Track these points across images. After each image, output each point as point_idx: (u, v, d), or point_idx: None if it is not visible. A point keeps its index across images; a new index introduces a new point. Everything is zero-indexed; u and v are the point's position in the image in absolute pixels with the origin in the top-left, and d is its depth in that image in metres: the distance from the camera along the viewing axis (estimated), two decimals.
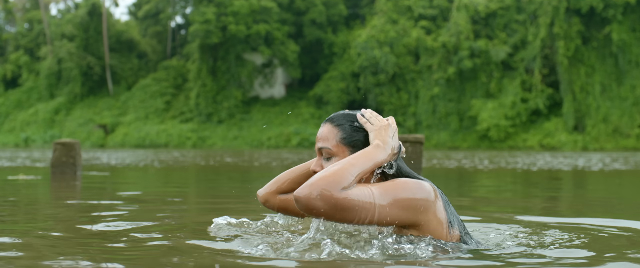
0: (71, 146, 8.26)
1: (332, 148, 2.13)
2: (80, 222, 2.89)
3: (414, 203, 2.00)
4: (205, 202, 4.47)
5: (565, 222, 3.09)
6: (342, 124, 2.15)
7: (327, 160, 2.14)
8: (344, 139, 2.13)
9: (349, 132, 2.14)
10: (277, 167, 11.24)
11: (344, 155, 2.12)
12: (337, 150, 2.13)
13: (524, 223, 2.99)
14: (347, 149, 2.13)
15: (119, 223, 2.81)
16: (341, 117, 2.17)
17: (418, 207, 2.01)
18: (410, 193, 2.01)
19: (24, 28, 58.09)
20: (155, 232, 2.50)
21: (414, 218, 2.02)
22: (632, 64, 38.04)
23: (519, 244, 2.31)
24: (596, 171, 10.34)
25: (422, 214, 2.03)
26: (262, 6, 47.09)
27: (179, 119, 47.22)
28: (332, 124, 2.16)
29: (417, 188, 2.03)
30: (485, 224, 2.98)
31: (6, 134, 49.08)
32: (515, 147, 38.13)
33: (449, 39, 41.48)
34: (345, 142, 2.13)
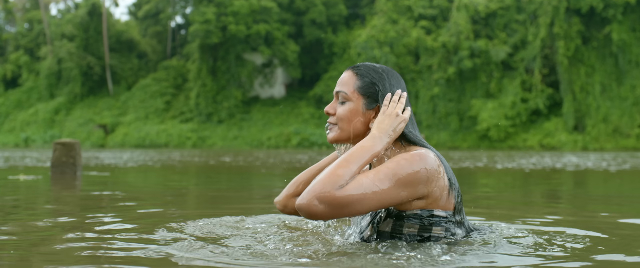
0: (71, 146, 8.27)
1: (348, 94, 2.21)
2: (80, 222, 2.89)
3: (416, 178, 2.04)
4: (205, 202, 4.47)
5: (564, 220, 3.09)
6: (363, 75, 2.23)
7: (341, 105, 2.23)
8: (361, 88, 2.21)
9: (367, 83, 2.21)
10: (278, 168, 11.24)
11: (357, 103, 2.20)
12: (353, 96, 2.21)
13: (524, 222, 2.99)
14: (362, 98, 2.21)
15: (119, 223, 2.81)
16: (364, 68, 2.25)
17: (420, 179, 2.05)
18: (410, 168, 2.04)
19: (24, 28, 58.09)
20: (155, 232, 2.50)
21: (418, 191, 2.06)
22: (632, 64, 38.03)
23: (519, 240, 2.31)
24: (599, 171, 10.34)
25: (426, 185, 2.06)
26: (262, 6, 47.09)
27: (179, 119, 47.22)
28: (354, 72, 2.25)
29: (416, 161, 2.06)
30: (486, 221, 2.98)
31: (6, 134, 49.08)
32: (515, 147, 38.13)
33: (449, 39, 41.48)
34: (361, 92, 2.21)
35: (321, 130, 42.55)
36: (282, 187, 2.61)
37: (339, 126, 2.22)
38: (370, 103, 2.20)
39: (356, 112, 2.20)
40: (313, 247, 2.17)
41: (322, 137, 41.62)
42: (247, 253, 2.05)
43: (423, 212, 2.10)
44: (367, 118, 2.20)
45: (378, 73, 2.23)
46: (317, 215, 1.94)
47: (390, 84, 2.22)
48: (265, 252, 2.07)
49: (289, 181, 2.56)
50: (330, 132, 2.26)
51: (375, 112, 2.20)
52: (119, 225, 2.74)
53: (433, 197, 2.10)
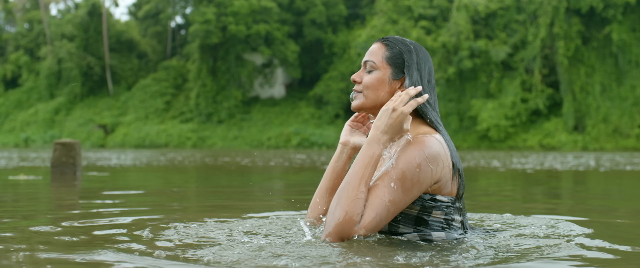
0: (71, 146, 8.27)
1: (377, 63, 2.27)
2: (79, 222, 2.89)
3: (429, 174, 2.10)
4: (205, 201, 4.47)
5: (568, 219, 3.09)
6: (392, 46, 2.28)
7: (369, 73, 2.27)
8: (389, 58, 2.27)
9: (396, 54, 2.27)
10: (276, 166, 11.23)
11: (385, 72, 2.25)
12: (381, 66, 2.27)
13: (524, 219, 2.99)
14: (390, 68, 2.26)
15: (119, 223, 2.81)
16: (394, 40, 2.30)
17: (426, 174, 2.11)
18: (414, 168, 2.09)
19: (24, 28, 58.10)
20: (155, 232, 2.50)
21: (429, 183, 2.12)
22: (632, 64, 38.04)
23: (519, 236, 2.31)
24: (600, 171, 10.35)
25: (433, 175, 2.12)
26: (262, 6, 47.09)
27: (179, 119, 47.23)
28: (383, 43, 2.31)
29: (418, 156, 2.10)
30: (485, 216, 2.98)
31: (6, 134, 49.09)
32: (515, 147, 38.14)
33: (449, 39, 41.49)
34: (389, 61, 2.26)
35: (321, 130, 42.56)
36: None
37: (364, 94, 2.28)
38: (397, 73, 2.26)
39: (383, 82, 2.26)
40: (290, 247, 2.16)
41: (322, 137, 41.66)
42: (250, 252, 2.05)
43: (425, 195, 2.15)
44: (393, 88, 2.26)
45: (406, 46, 2.28)
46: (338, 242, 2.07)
47: (418, 57, 2.27)
48: (246, 251, 2.06)
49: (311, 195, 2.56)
50: (355, 99, 2.30)
51: (400, 83, 2.25)
52: (119, 225, 2.74)
53: (442, 180, 2.15)
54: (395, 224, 2.16)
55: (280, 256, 1.94)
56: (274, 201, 4.51)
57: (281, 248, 2.09)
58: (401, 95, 2.17)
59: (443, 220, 2.18)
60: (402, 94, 2.17)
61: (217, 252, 2.03)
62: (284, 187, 6.28)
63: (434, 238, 2.17)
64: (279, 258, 1.91)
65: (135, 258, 1.93)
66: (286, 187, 6.28)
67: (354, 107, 2.31)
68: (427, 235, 2.16)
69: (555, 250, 2.16)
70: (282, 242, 2.23)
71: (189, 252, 2.06)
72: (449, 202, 2.17)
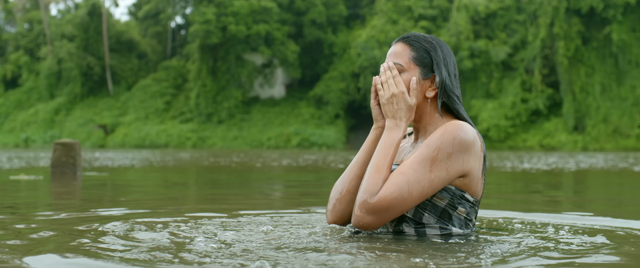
0: (71, 146, 8.27)
1: (404, 65, 2.25)
2: (79, 222, 2.89)
3: (460, 160, 2.12)
4: (205, 201, 4.47)
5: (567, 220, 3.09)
6: (416, 45, 2.27)
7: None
8: (416, 59, 2.25)
9: (421, 53, 2.26)
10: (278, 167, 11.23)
11: (414, 73, 2.24)
12: (408, 67, 2.25)
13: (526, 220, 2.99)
14: (418, 68, 2.25)
15: (119, 223, 2.81)
16: (415, 38, 2.29)
17: (466, 161, 2.12)
18: (444, 147, 2.11)
19: (24, 28, 58.12)
20: (155, 232, 2.50)
21: (458, 166, 2.13)
22: (632, 64, 38.05)
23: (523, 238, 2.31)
24: (599, 171, 10.35)
25: (465, 159, 2.13)
26: (262, 6, 47.10)
27: (179, 119, 47.24)
28: (406, 43, 2.28)
29: (449, 138, 2.12)
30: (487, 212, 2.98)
31: (6, 134, 49.10)
32: (515, 147, 38.14)
33: (449, 39, 41.49)
34: (417, 62, 2.25)
35: (321, 131, 42.55)
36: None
37: None
38: (426, 72, 2.25)
39: (414, 82, 2.24)
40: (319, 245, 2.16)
41: (322, 137, 41.66)
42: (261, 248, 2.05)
43: (457, 190, 2.17)
44: (425, 87, 2.25)
45: (429, 42, 2.27)
46: (370, 225, 2.12)
47: (443, 52, 2.27)
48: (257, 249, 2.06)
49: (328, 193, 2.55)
50: None
51: (431, 81, 2.25)
52: (119, 225, 2.74)
53: (472, 175, 2.16)
54: (421, 211, 2.17)
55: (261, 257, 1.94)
56: (270, 200, 4.50)
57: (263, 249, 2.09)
58: (391, 82, 2.21)
59: (463, 218, 2.22)
60: (391, 81, 2.21)
61: (210, 253, 2.03)
62: (284, 187, 6.28)
63: (454, 234, 2.20)
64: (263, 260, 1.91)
65: (134, 258, 1.93)
66: (287, 187, 6.29)
67: None
68: (448, 229, 2.20)
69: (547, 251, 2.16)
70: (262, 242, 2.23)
71: (189, 249, 2.06)
72: (473, 202, 2.22)
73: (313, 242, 2.17)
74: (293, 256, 1.94)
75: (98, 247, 2.12)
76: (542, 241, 2.33)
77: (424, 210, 2.18)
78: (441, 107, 2.27)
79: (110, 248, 2.12)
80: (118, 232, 2.50)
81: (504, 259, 1.97)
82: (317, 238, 2.25)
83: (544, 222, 2.97)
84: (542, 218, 3.16)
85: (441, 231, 2.18)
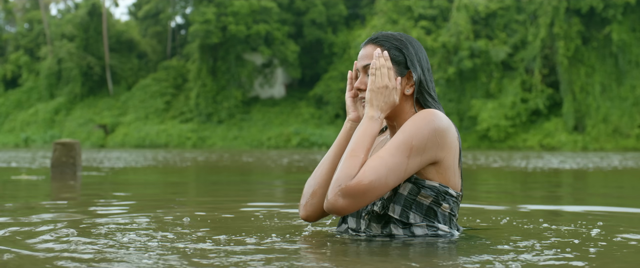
0: (71, 146, 8.27)
1: None
2: (79, 221, 2.89)
3: (427, 141, 2.11)
4: (205, 201, 4.48)
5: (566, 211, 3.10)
6: (386, 45, 2.25)
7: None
8: (389, 59, 2.23)
9: (393, 52, 2.24)
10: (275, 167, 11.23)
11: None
12: None
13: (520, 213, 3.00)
14: (392, 67, 2.22)
15: (118, 223, 2.81)
16: (384, 38, 2.27)
17: (431, 142, 2.11)
18: (419, 133, 2.10)
19: (24, 28, 58.10)
20: (155, 231, 2.51)
21: (431, 155, 2.13)
22: (632, 64, 38.04)
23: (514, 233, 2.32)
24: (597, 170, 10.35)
25: (438, 147, 2.13)
26: (262, 6, 47.09)
27: (179, 119, 47.23)
28: (376, 44, 2.26)
29: (424, 124, 2.12)
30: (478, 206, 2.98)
31: (6, 134, 49.09)
32: (515, 147, 38.14)
33: (449, 39, 41.49)
34: (391, 61, 2.23)
35: (321, 131, 42.54)
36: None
37: None
38: (401, 71, 2.23)
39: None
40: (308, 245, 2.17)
41: (322, 137, 41.67)
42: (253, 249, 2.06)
43: (441, 186, 2.16)
44: (403, 86, 2.24)
45: (398, 40, 2.26)
46: (344, 209, 2.07)
47: (414, 48, 2.27)
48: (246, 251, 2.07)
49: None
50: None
51: (407, 79, 2.24)
52: (118, 225, 2.75)
53: (447, 164, 2.16)
54: (407, 211, 2.16)
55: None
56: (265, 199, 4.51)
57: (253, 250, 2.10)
58: (384, 71, 2.18)
59: (448, 213, 2.22)
60: (384, 70, 2.18)
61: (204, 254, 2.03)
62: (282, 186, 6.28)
63: (441, 229, 2.20)
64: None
65: (133, 259, 1.94)
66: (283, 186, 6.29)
67: None
68: (435, 226, 2.19)
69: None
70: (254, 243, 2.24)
71: (189, 249, 2.06)
72: (456, 197, 2.22)
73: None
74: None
75: (94, 247, 2.13)
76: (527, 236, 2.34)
77: (410, 210, 2.17)
78: (415, 102, 2.27)
79: (103, 249, 2.12)
80: (112, 231, 2.50)
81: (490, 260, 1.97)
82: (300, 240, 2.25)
83: (526, 212, 2.97)
84: (530, 211, 3.16)
85: (429, 229, 2.18)
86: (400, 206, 2.16)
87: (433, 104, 2.25)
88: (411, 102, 2.25)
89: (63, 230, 2.53)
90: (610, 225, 2.86)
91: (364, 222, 2.23)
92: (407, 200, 2.16)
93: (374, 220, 2.20)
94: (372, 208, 2.19)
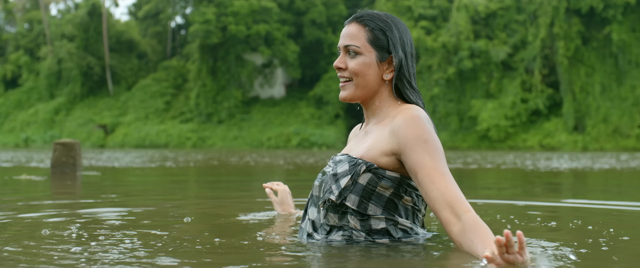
0: (71, 146, 8.28)
1: (361, 47, 2.14)
2: (79, 221, 2.89)
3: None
4: (205, 201, 4.48)
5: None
6: (371, 25, 2.16)
7: (353, 59, 2.16)
8: (372, 41, 2.15)
9: (376, 33, 2.16)
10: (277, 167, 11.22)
11: (370, 56, 2.14)
12: (364, 50, 2.15)
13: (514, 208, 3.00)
14: (374, 51, 2.15)
15: (118, 223, 2.81)
16: (369, 17, 2.17)
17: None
18: (432, 131, 2.07)
19: (24, 28, 58.11)
20: (155, 231, 2.51)
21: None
22: (632, 64, 38.05)
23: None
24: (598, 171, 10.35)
25: None
26: (262, 6, 47.11)
27: (179, 119, 47.24)
28: (360, 23, 2.17)
29: (428, 121, 2.10)
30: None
31: (6, 134, 49.09)
32: (515, 147, 38.15)
33: (449, 39, 41.50)
34: (374, 44, 2.15)
35: (321, 131, 42.55)
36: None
37: (355, 82, 2.16)
38: (383, 55, 2.15)
39: (370, 66, 2.15)
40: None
41: (322, 137, 41.66)
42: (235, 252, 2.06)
43: (402, 178, 2.07)
44: (381, 71, 2.16)
45: (384, 21, 2.17)
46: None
47: (399, 32, 2.18)
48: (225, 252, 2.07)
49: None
50: (345, 90, 2.19)
51: (387, 63, 2.16)
52: (118, 225, 2.75)
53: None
54: (366, 202, 2.06)
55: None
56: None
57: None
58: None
59: (410, 207, 2.12)
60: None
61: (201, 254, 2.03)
62: None
63: (401, 224, 2.10)
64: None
65: (133, 260, 1.94)
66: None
67: (345, 97, 2.20)
68: (394, 219, 2.09)
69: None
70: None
71: (189, 249, 2.06)
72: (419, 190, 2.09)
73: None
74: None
75: (94, 247, 2.13)
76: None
77: (369, 201, 2.06)
78: (394, 89, 2.17)
79: (103, 249, 2.12)
80: (112, 231, 2.50)
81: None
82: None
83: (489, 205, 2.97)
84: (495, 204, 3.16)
85: (387, 223, 2.08)
86: (358, 196, 2.06)
87: (411, 93, 2.17)
88: (390, 88, 2.18)
89: (63, 230, 2.54)
90: (589, 222, 2.86)
91: (322, 211, 2.13)
92: (366, 190, 2.06)
93: (330, 210, 2.10)
94: (328, 198, 2.09)
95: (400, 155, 2.04)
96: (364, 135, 2.23)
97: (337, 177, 2.10)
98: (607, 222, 2.99)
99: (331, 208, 2.10)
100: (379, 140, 2.10)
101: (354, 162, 2.09)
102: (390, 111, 2.17)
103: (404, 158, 2.03)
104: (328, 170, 2.18)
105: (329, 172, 2.15)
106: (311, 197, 2.24)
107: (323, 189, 2.15)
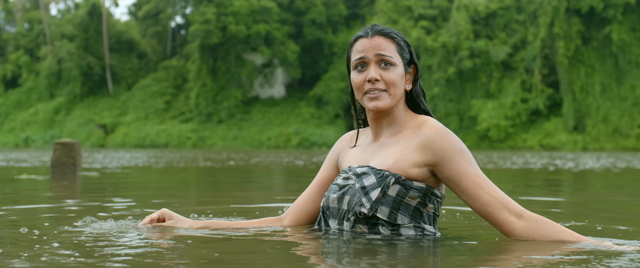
0: (71, 146, 8.27)
1: (394, 58, 2.20)
2: (78, 222, 2.89)
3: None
4: (205, 202, 4.48)
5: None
6: (396, 38, 2.23)
7: (386, 70, 2.19)
8: (400, 53, 2.23)
9: (402, 46, 2.24)
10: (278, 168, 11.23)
11: (401, 67, 2.21)
12: (397, 61, 2.21)
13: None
14: (402, 62, 2.23)
15: (118, 223, 2.81)
16: (391, 31, 2.23)
17: None
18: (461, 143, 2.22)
19: (24, 28, 58.11)
20: (156, 231, 2.50)
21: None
22: (632, 64, 38.05)
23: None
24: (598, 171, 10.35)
25: None
26: (262, 6, 47.10)
27: (179, 119, 47.24)
28: (386, 37, 2.22)
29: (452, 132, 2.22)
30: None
31: (6, 134, 49.09)
32: (515, 147, 38.15)
33: (449, 39, 41.49)
34: (402, 55, 2.23)
35: (321, 131, 42.55)
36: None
37: (390, 92, 2.21)
38: (406, 66, 2.25)
39: (402, 77, 2.22)
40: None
41: (322, 137, 41.66)
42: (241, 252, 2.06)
43: (428, 187, 2.17)
44: (404, 82, 2.25)
45: (401, 34, 2.26)
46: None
47: (409, 43, 2.29)
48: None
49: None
50: (380, 99, 2.20)
51: (411, 75, 2.27)
52: (117, 225, 2.75)
53: (440, 170, 2.20)
54: (395, 212, 2.16)
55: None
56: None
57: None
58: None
59: (432, 213, 2.23)
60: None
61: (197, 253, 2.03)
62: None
63: (427, 230, 2.20)
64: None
65: (132, 260, 1.94)
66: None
67: (383, 107, 2.21)
68: (421, 226, 2.20)
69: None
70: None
71: (188, 250, 2.06)
72: (440, 197, 2.23)
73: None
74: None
75: (94, 247, 2.13)
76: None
77: (397, 211, 2.16)
78: (409, 99, 2.30)
79: (102, 250, 2.12)
80: (112, 231, 2.50)
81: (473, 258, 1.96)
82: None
83: None
84: None
85: (415, 230, 2.18)
86: (388, 208, 2.14)
87: (424, 103, 2.30)
88: (404, 99, 2.28)
89: (62, 230, 2.53)
90: (589, 221, 2.86)
91: (349, 223, 2.20)
92: (395, 201, 2.15)
93: (360, 222, 2.17)
94: (360, 210, 2.15)
95: (435, 166, 2.15)
96: (379, 147, 2.28)
97: (366, 189, 2.16)
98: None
99: (361, 220, 2.17)
100: (407, 152, 2.17)
101: (381, 174, 2.16)
102: (406, 122, 2.25)
103: (441, 169, 2.14)
104: (350, 183, 2.23)
105: (355, 185, 2.20)
106: (327, 209, 2.30)
107: (349, 202, 2.20)
